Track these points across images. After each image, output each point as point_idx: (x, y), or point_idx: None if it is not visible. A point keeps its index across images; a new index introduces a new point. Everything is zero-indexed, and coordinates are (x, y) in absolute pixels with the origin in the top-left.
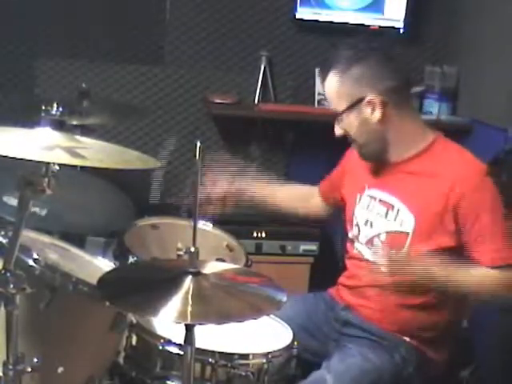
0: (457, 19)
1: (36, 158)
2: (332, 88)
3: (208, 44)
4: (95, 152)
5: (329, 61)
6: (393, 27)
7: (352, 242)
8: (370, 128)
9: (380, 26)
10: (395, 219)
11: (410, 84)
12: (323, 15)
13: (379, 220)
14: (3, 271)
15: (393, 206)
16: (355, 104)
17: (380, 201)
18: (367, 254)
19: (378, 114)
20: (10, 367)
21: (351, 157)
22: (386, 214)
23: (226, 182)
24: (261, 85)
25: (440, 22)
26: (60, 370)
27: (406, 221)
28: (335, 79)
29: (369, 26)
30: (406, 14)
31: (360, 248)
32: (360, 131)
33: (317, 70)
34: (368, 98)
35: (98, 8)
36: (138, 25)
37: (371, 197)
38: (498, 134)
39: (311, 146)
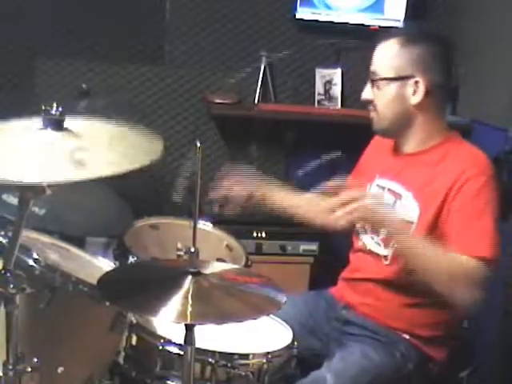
0: (457, 19)
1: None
2: (388, 53)
3: (208, 44)
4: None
5: (395, 29)
6: (393, 27)
7: (357, 234)
8: (401, 107)
9: (380, 26)
10: (403, 208)
11: (454, 84)
12: (323, 15)
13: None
14: (3, 271)
15: (401, 196)
16: (402, 78)
17: (389, 190)
18: (370, 244)
19: (417, 98)
20: (10, 367)
21: (367, 153)
22: (394, 203)
23: (250, 184)
24: (261, 85)
25: (440, 22)
26: (60, 369)
27: (411, 210)
28: (395, 47)
29: (369, 25)
30: (406, 14)
31: (364, 239)
32: (390, 105)
33: (317, 70)
34: (416, 79)
35: (98, 8)
36: (137, 25)
37: (380, 186)
38: (498, 134)
39: (311, 146)
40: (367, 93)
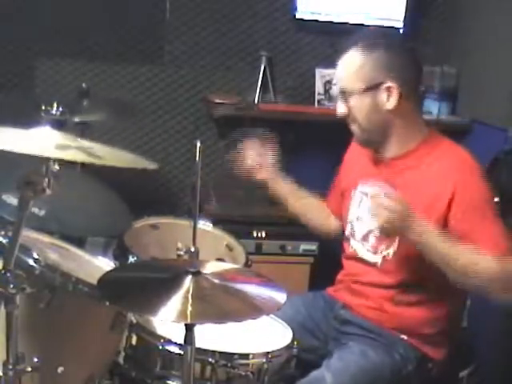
0: (456, 19)
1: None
2: (351, 66)
3: (208, 44)
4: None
5: (351, 38)
6: (393, 27)
7: (348, 240)
8: (379, 115)
9: (380, 26)
10: None
11: (421, 80)
12: (323, 15)
13: (369, 216)
14: (3, 271)
15: None
16: (373, 87)
17: (372, 196)
18: (361, 251)
19: (392, 103)
20: (10, 367)
21: (348, 156)
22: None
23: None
24: (261, 85)
25: (440, 22)
26: (60, 369)
27: None
28: (358, 58)
29: (369, 26)
30: (405, 14)
31: (355, 246)
32: (368, 116)
33: (317, 70)
34: (387, 85)
35: (98, 8)
36: (137, 25)
37: (363, 193)
38: (498, 134)
39: (311, 146)
40: (341, 108)
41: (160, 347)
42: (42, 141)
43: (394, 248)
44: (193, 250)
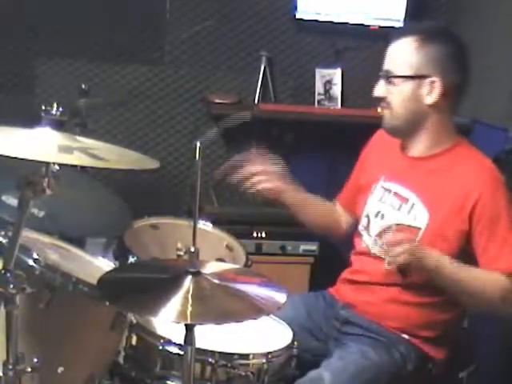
0: (457, 19)
1: (54, 160)
2: (405, 51)
3: (208, 44)
4: (110, 153)
5: (412, 25)
6: (393, 27)
7: (360, 235)
8: (415, 106)
9: (380, 26)
10: (409, 213)
11: (467, 85)
12: (323, 15)
13: (391, 212)
14: (3, 271)
15: (407, 200)
16: (418, 77)
17: (395, 194)
18: (375, 248)
19: (432, 99)
20: (10, 367)
21: (368, 151)
22: (400, 206)
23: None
24: (261, 85)
25: (440, 22)
26: (60, 370)
27: (419, 216)
28: (413, 45)
29: (369, 25)
30: (406, 14)
31: (368, 241)
32: (405, 103)
33: (317, 70)
34: (433, 79)
35: (98, 8)
36: (137, 25)
37: (386, 189)
38: (499, 134)
39: (311, 146)
40: (380, 90)
41: (160, 347)
42: (43, 144)
43: None
44: (193, 250)
